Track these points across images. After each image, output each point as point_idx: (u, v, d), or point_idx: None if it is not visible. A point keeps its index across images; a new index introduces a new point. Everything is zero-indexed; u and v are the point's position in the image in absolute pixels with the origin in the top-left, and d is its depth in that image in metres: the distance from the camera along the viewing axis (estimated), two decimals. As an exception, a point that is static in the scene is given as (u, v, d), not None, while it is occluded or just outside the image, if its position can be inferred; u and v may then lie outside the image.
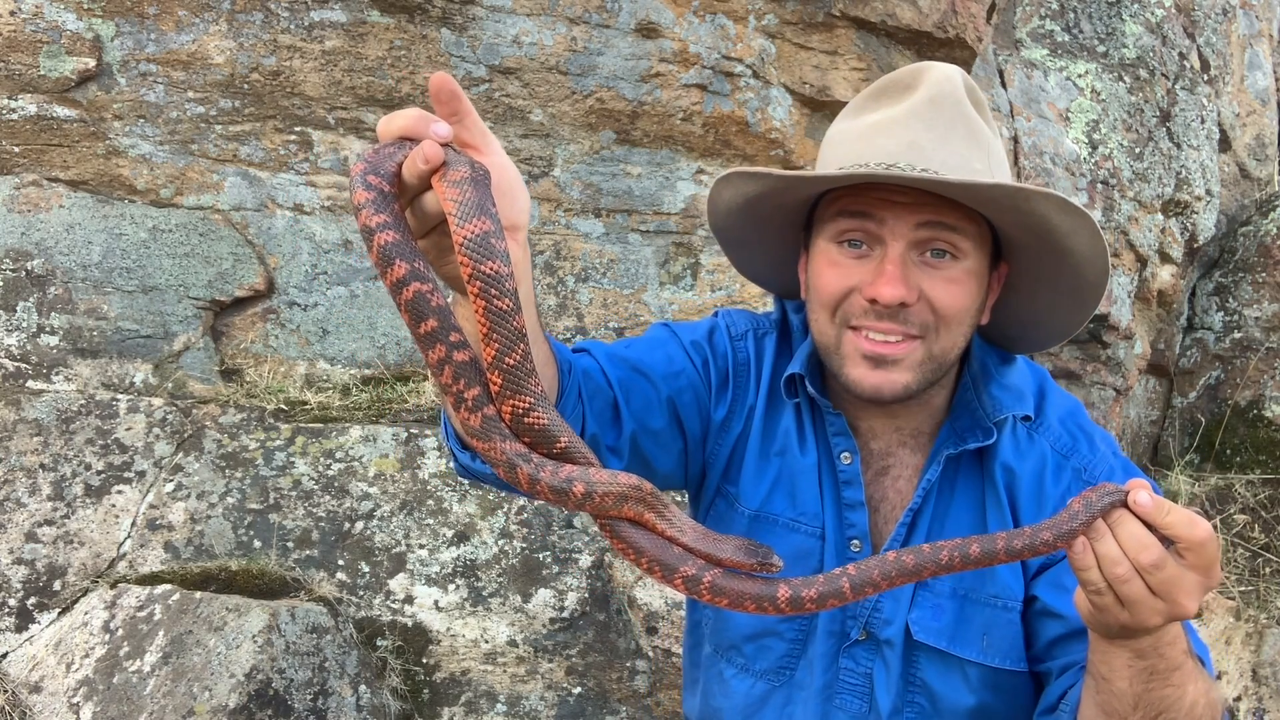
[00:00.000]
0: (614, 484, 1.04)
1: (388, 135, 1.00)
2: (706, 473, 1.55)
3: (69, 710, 2.31)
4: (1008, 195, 1.27)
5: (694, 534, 1.09)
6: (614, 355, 1.45)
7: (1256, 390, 3.82)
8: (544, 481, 1.01)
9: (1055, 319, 1.48)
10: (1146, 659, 1.14)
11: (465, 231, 0.93)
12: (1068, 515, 1.09)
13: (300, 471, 2.72)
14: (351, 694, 2.41)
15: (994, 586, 1.41)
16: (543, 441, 1.03)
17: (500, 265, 0.94)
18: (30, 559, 2.53)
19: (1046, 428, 1.47)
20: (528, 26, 2.91)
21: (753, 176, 1.40)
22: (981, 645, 1.40)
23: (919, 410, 1.46)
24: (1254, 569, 3.41)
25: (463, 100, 0.99)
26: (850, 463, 1.45)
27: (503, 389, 1.00)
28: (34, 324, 2.77)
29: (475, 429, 1.01)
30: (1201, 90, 4.00)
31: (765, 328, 1.57)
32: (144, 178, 2.83)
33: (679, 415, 1.47)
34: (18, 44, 2.69)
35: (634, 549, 1.07)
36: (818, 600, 1.09)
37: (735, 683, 1.53)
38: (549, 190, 3.03)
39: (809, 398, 1.48)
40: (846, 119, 1.43)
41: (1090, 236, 1.31)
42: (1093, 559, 1.08)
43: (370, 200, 0.95)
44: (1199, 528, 1.05)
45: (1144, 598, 1.06)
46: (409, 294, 0.95)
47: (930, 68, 1.38)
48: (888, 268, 1.30)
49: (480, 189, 0.95)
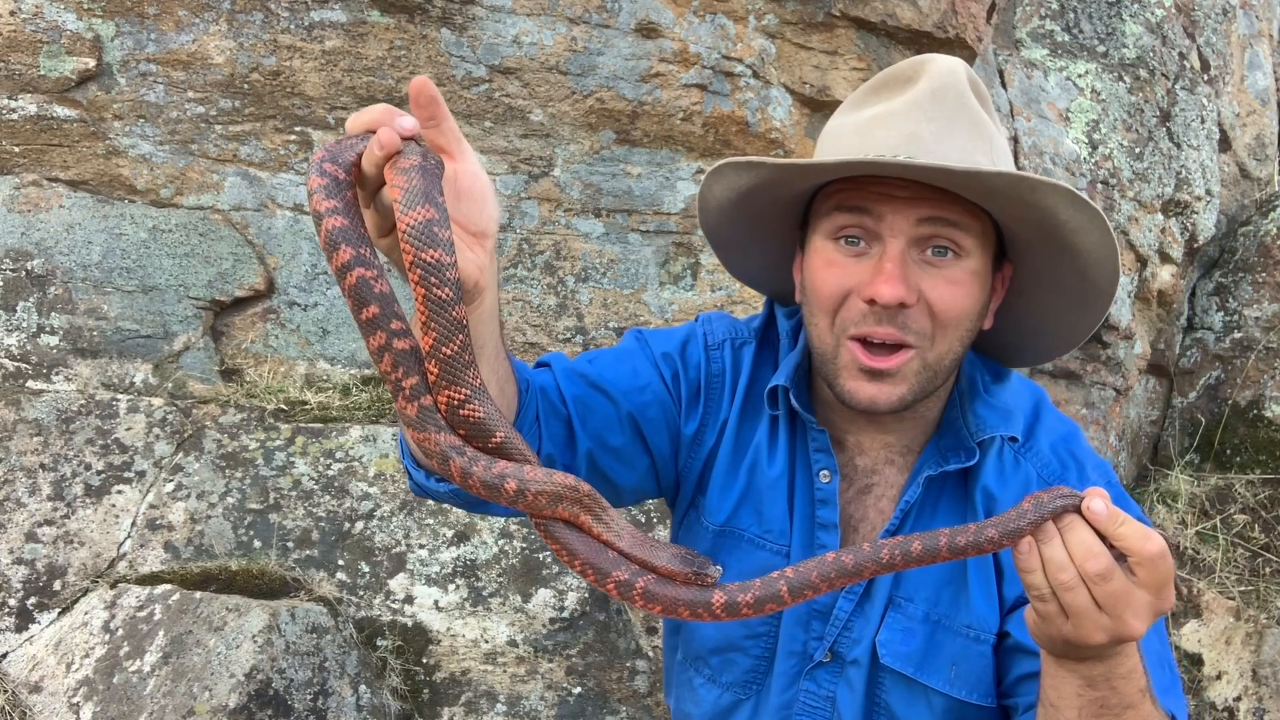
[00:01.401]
0: (548, 483, 1.01)
1: (356, 130, 1.00)
2: (680, 486, 1.51)
3: (69, 710, 2.31)
4: (1013, 185, 1.22)
5: (630, 539, 1.06)
6: (572, 371, 1.40)
7: (1256, 390, 3.82)
8: (476, 476, 1.00)
9: (1060, 326, 1.42)
10: (1097, 689, 1.09)
11: (408, 219, 0.93)
12: (1016, 514, 1.05)
13: (300, 471, 2.72)
14: (351, 694, 2.41)
15: (968, 616, 1.36)
16: (478, 435, 1.01)
17: (441, 254, 0.93)
18: (30, 559, 2.53)
19: (1035, 452, 1.41)
20: (528, 26, 2.91)
21: (745, 167, 1.35)
22: (949, 675, 1.35)
23: (911, 424, 1.41)
24: (1254, 569, 3.41)
25: (440, 105, 0.99)
26: (829, 481, 1.40)
27: (439, 378, 0.99)
28: (34, 324, 2.77)
29: (411, 418, 1.00)
30: (1201, 90, 4.00)
31: (744, 337, 1.52)
32: (144, 178, 2.83)
33: (642, 431, 1.42)
34: (18, 44, 2.69)
35: (567, 550, 1.04)
36: (754, 605, 1.06)
37: (703, 691, 1.50)
38: (549, 190, 3.03)
39: (791, 411, 1.43)
40: (845, 113, 1.38)
41: (1100, 234, 1.26)
42: (1038, 562, 1.04)
43: (322, 186, 0.95)
44: (1152, 542, 1.01)
45: (1088, 610, 1.02)
46: (352, 279, 0.95)
47: (932, 59, 1.33)
48: (886, 266, 1.25)
49: (428, 178, 0.94)
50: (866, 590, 1.40)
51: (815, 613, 1.41)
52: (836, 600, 1.40)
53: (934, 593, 1.38)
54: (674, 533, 1.57)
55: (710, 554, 1.47)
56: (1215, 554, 3.45)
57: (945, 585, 1.38)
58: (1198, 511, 3.63)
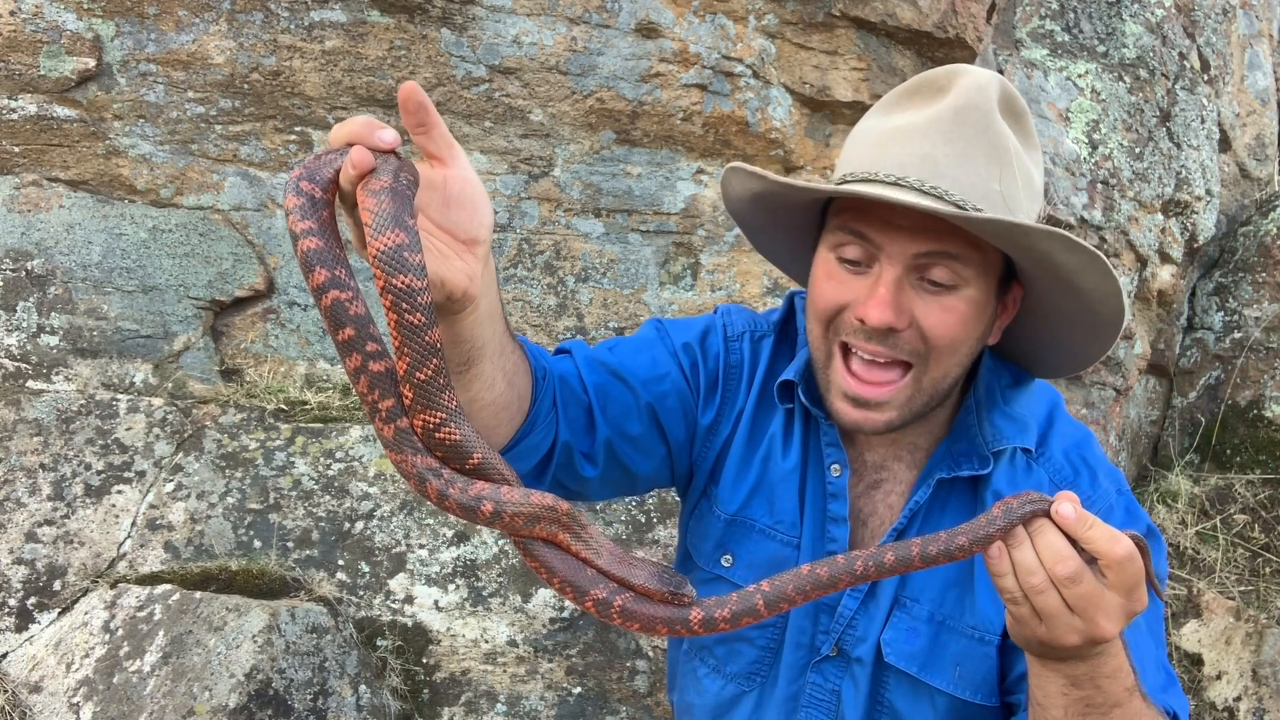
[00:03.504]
0: (525, 504, 1.02)
1: (337, 142, 0.99)
2: (694, 475, 1.53)
3: (69, 710, 2.31)
4: (1006, 231, 1.21)
5: (609, 557, 1.07)
6: (593, 359, 1.42)
7: (1256, 390, 3.82)
8: (453, 498, 1.00)
9: (1072, 349, 1.42)
10: (1082, 688, 1.10)
11: (378, 244, 0.92)
12: (986, 520, 1.06)
13: (300, 471, 2.72)
14: (351, 694, 2.41)
15: (973, 618, 1.37)
16: (455, 457, 1.02)
17: (413, 279, 0.93)
18: (30, 559, 2.53)
19: (1048, 459, 1.41)
20: (528, 26, 2.91)
21: (752, 175, 1.37)
22: (953, 675, 1.37)
23: (918, 427, 1.41)
24: (1254, 569, 3.41)
25: (430, 112, 0.99)
26: (839, 475, 1.41)
27: (414, 403, 0.99)
28: (34, 324, 2.77)
29: (389, 440, 1.01)
30: (1201, 90, 4.00)
31: (764, 330, 1.53)
32: (144, 178, 2.83)
33: (660, 420, 1.43)
34: (18, 44, 2.68)
35: (546, 569, 1.05)
36: (731, 619, 1.07)
37: (707, 681, 1.51)
38: (549, 190, 3.03)
39: (803, 405, 1.45)
40: (875, 116, 1.37)
41: (1100, 276, 1.24)
42: (1009, 566, 1.05)
43: (299, 206, 0.95)
44: (1120, 545, 1.02)
45: (1059, 612, 1.04)
46: (328, 301, 0.95)
47: (965, 72, 1.30)
48: (880, 290, 1.25)
49: (399, 200, 0.93)
50: (871, 589, 1.41)
51: (824, 606, 1.43)
52: (842, 597, 1.42)
53: (939, 593, 1.39)
54: (684, 521, 1.58)
55: (721, 543, 1.49)
56: (1215, 554, 3.45)
57: (951, 586, 1.39)
58: (1198, 511, 3.63)
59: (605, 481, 1.42)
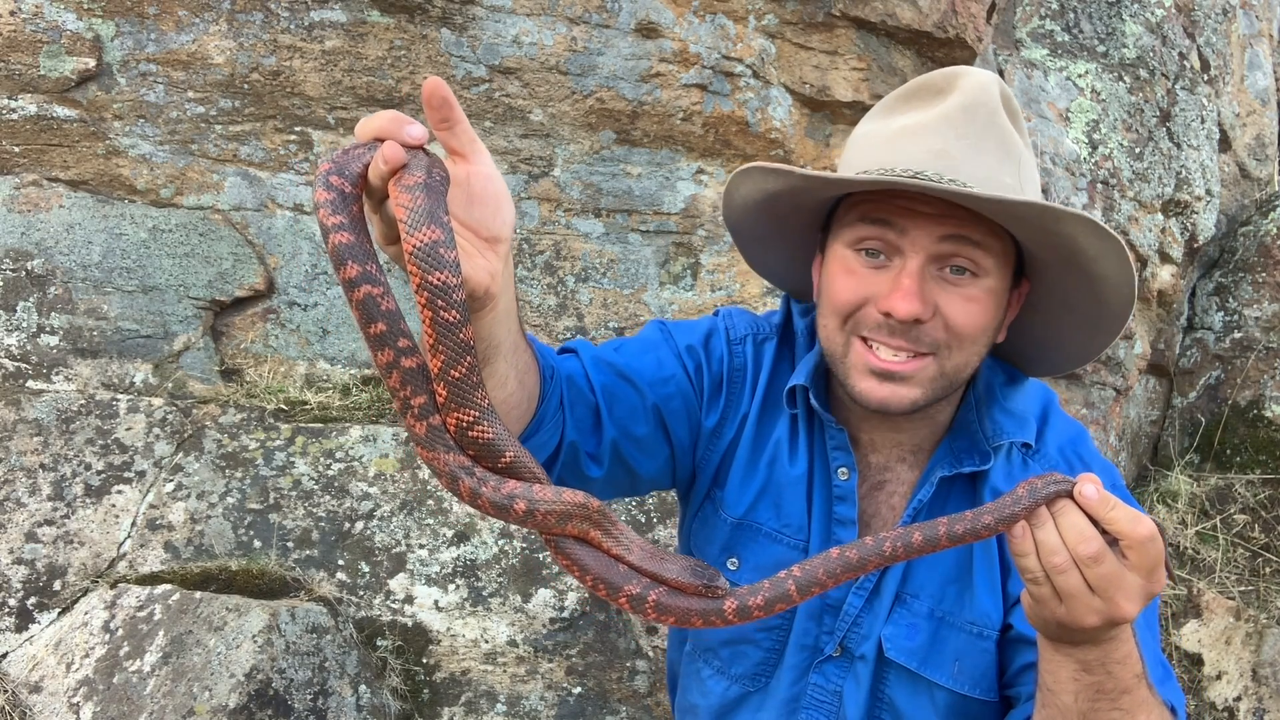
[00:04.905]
0: (557, 502, 1.02)
1: (364, 137, 0.99)
2: (696, 477, 1.53)
3: (69, 710, 2.31)
4: (1039, 214, 1.22)
5: (641, 552, 1.07)
6: (600, 360, 1.42)
7: (1256, 390, 3.82)
8: (485, 496, 1.00)
9: (1074, 343, 1.44)
10: (1093, 674, 1.11)
11: (414, 240, 0.92)
12: (1011, 500, 1.08)
13: (300, 471, 2.72)
14: (351, 694, 2.41)
15: (973, 613, 1.38)
16: (487, 455, 1.01)
17: (448, 276, 0.93)
18: (30, 559, 2.53)
19: (1044, 455, 1.43)
20: (528, 26, 2.91)
21: (775, 173, 1.37)
22: (953, 671, 1.38)
23: (922, 424, 1.43)
24: (1254, 569, 3.41)
25: (454, 108, 0.98)
26: (847, 479, 1.42)
27: (448, 401, 0.99)
28: (34, 324, 2.77)
29: (420, 437, 1.00)
30: (1201, 90, 4.00)
31: (766, 332, 1.54)
32: (144, 178, 2.83)
33: (665, 422, 1.44)
34: (18, 44, 2.68)
35: (579, 566, 1.05)
36: (765, 606, 1.08)
37: (711, 683, 1.52)
38: (549, 190, 3.03)
39: (809, 409, 1.45)
40: (875, 120, 1.38)
41: (1119, 263, 1.27)
42: (1031, 545, 1.07)
43: (329, 200, 0.95)
44: (1142, 526, 1.03)
45: (1081, 592, 1.05)
46: (359, 295, 0.95)
47: (966, 73, 1.32)
48: (905, 281, 1.26)
49: (433, 195, 0.93)
50: (876, 587, 1.42)
51: (828, 607, 1.44)
52: (847, 595, 1.42)
53: (939, 589, 1.40)
54: (687, 524, 1.58)
55: (727, 546, 1.49)
56: (1215, 554, 3.45)
57: (950, 582, 1.40)
58: (1198, 511, 3.63)
59: (609, 482, 1.42)
